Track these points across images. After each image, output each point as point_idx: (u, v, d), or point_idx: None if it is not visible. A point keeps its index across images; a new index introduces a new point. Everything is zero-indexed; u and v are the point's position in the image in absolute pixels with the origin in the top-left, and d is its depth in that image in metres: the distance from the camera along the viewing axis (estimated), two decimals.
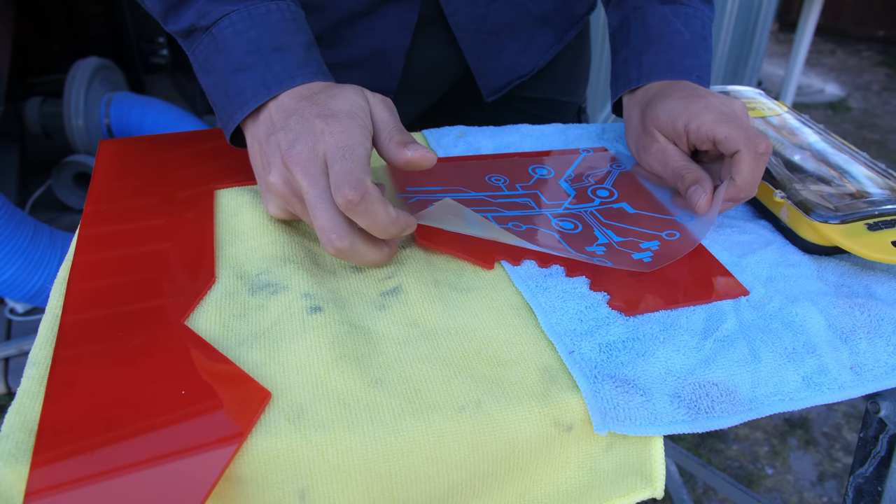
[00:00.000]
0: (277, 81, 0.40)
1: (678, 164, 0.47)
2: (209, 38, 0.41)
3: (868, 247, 0.41)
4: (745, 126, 0.44)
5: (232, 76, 0.40)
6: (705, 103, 0.46)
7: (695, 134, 0.46)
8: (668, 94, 0.48)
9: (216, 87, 0.42)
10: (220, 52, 0.41)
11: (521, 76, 0.65)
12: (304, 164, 0.36)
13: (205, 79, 0.42)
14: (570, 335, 0.35)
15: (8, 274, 1.26)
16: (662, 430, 0.31)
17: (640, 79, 0.52)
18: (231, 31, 0.40)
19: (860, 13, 3.55)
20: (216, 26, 0.41)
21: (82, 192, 1.71)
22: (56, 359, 0.31)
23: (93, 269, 0.37)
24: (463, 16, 0.57)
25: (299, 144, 0.36)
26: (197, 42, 0.42)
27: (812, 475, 1.25)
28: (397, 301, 0.37)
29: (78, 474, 0.26)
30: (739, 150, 0.43)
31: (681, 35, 0.51)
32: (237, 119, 0.41)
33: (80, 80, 1.66)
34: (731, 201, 0.46)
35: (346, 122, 0.37)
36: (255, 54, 0.40)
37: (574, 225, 0.44)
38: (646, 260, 0.41)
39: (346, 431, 0.29)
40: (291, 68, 0.40)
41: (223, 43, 0.41)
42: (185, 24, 0.42)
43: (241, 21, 0.40)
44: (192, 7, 0.41)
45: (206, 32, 0.41)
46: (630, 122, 0.52)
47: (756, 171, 0.43)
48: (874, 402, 0.39)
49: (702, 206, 0.45)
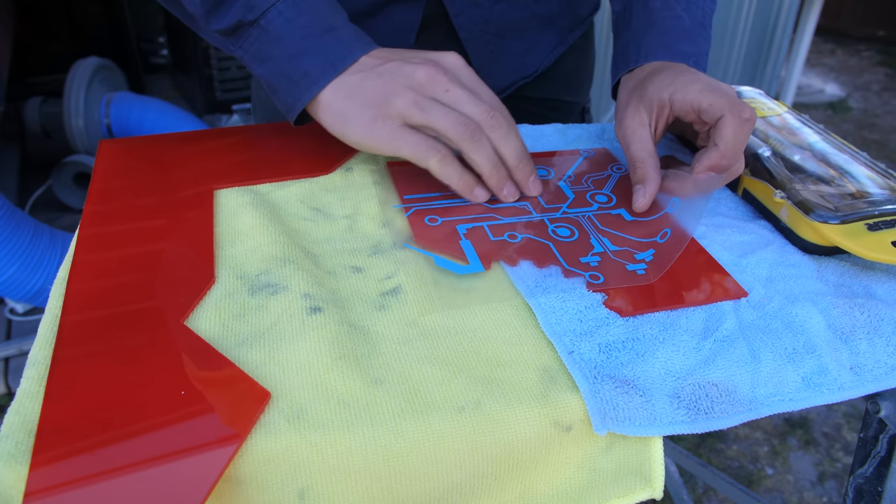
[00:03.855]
0: (341, 57, 0.44)
1: (638, 153, 0.47)
2: (258, 31, 0.44)
3: (868, 247, 0.40)
4: (731, 96, 0.44)
5: (294, 61, 0.43)
6: (694, 78, 0.47)
7: (679, 104, 0.46)
8: (660, 71, 0.49)
9: (277, 75, 0.44)
10: (274, 41, 0.43)
11: (526, 77, 0.65)
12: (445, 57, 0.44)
13: (260, 68, 0.45)
14: (570, 335, 0.35)
15: (8, 274, 1.26)
16: (662, 430, 0.31)
17: (637, 59, 0.52)
18: (281, 20, 0.43)
19: (860, 13, 3.55)
20: (264, 18, 0.43)
21: (82, 192, 1.71)
22: (56, 359, 0.31)
23: (93, 269, 0.37)
24: (467, 17, 0.58)
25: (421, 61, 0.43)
26: (245, 36, 0.44)
27: (812, 475, 1.25)
28: (397, 301, 0.37)
29: (77, 474, 0.26)
30: (724, 115, 0.43)
31: (681, 20, 0.52)
32: (307, 99, 0.44)
33: (80, 80, 1.66)
34: (715, 170, 0.45)
35: None
36: (310, 38, 0.43)
37: (571, 232, 0.44)
38: (639, 272, 0.41)
39: (346, 432, 0.29)
40: (349, 43, 0.44)
41: (276, 32, 0.43)
42: (231, 21, 0.44)
43: (288, 10, 0.43)
44: (236, 3, 0.43)
45: (254, 26, 0.44)
46: (620, 98, 0.52)
47: (739, 137, 0.44)
48: (874, 402, 0.39)
49: (638, 206, 0.46)
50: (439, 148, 0.43)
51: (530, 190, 0.47)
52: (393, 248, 0.42)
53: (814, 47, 3.43)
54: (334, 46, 0.44)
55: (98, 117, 1.68)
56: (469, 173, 0.45)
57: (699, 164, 0.45)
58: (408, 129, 0.43)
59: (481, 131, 0.44)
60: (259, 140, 0.53)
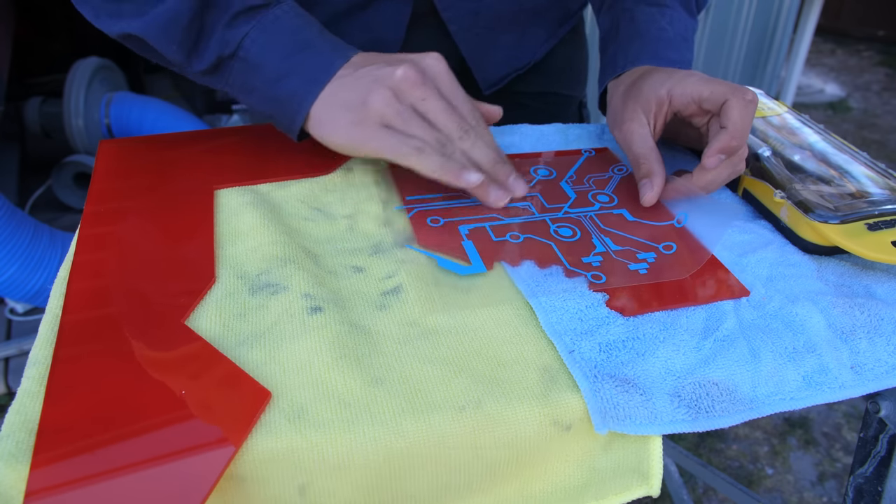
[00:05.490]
0: (322, 70, 0.43)
1: (640, 149, 0.47)
2: (239, 63, 0.44)
3: (868, 247, 0.40)
4: (729, 83, 0.45)
5: (277, 85, 0.43)
6: (688, 73, 0.47)
7: (679, 97, 0.46)
8: (651, 72, 0.49)
9: (267, 102, 0.45)
10: (256, 69, 0.43)
11: (518, 69, 0.66)
12: None
13: (248, 98, 0.45)
14: (570, 334, 0.35)
15: (8, 274, 1.25)
16: (662, 429, 0.31)
17: (625, 65, 0.53)
18: (256, 47, 0.43)
19: (860, 13, 3.55)
20: (241, 49, 0.43)
21: (82, 192, 1.71)
22: (56, 358, 0.31)
23: (93, 269, 0.37)
24: (456, 11, 0.58)
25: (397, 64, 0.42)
26: (228, 70, 0.44)
27: (812, 475, 1.25)
28: (398, 301, 0.37)
29: (78, 474, 0.26)
30: (728, 98, 0.44)
31: (666, 31, 0.53)
32: (300, 120, 0.44)
33: (80, 80, 1.66)
34: (726, 152, 0.45)
35: None
36: (289, 59, 0.43)
37: (573, 232, 0.44)
38: (641, 272, 0.41)
39: (347, 431, 0.29)
40: (327, 54, 0.44)
41: (255, 60, 0.43)
42: (211, 60, 0.44)
43: (261, 35, 0.43)
44: (211, 41, 0.43)
45: (234, 59, 0.44)
46: (612, 104, 0.53)
47: (746, 118, 0.44)
48: (874, 402, 0.39)
49: (646, 199, 0.46)
50: (417, 143, 0.43)
51: (513, 188, 0.46)
52: (393, 247, 0.42)
53: (814, 47, 3.42)
54: (314, 62, 0.43)
55: (98, 117, 1.68)
56: None
57: (710, 149, 0.45)
58: (386, 130, 0.43)
59: (453, 144, 0.43)
60: (259, 140, 0.53)
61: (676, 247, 0.44)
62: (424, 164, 0.43)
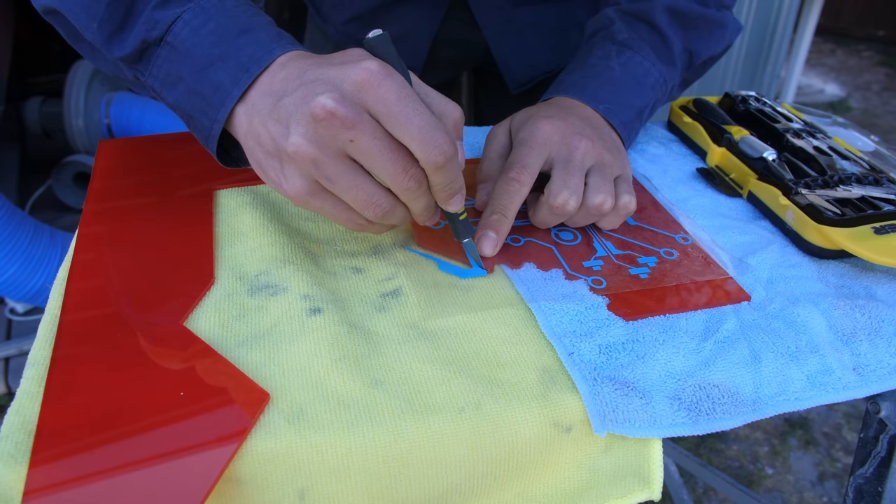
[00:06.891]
0: (256, 60, 0.36)
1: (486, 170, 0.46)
2: (166, 49, 0.37)
3: (875, 251, 0.40)
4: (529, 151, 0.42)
5: (203, 75, 0.36)
6: (552, 123, 0.44)
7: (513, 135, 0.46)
8: (552, 104, 0.48)
9: (189, 96, 0.37)
10: (183, 57, 0.37)
11: (547, 72, 0.67)
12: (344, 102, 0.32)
13: (172, 94, 0.38)
14: (570, 336, 0.35)
15: (8, 274, 1.25)
16: (662, 432, 0.31)
17: (556, 91, 0.51)
18: (188, 30, 0.36)
19: (860, 13, 3.55)
20: (170, 33, 0.37)
21: (82, 192, 1.71)
22: (55, 359, 0.31)
23: (93, 269, 0.37)
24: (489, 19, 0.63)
25: (323, 92, 0.32)
26: (153, 59, 0.38)
27: (812, 475, 1.25)
28: (397, 303, 0.37)
29: (76, 473, 0.26)
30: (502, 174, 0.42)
31: (611, 70, 0.50)
32: (223, 116, 0.36)
33: (80, 80, 1.66)
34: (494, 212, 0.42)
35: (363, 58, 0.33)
36: (221, 44, 0.36)
37: (574, 235, 0.44)
38: (642, 276, 0.41)
39: (346, 433, 0.29)
40: (265, 43, 0.36)
41: (183, 46, 0.36)
42: (134, 44, 0.37)
43: (196, 18, 0.36)
44: (137, 22, 0.37)
45: (160, 45, 0.37)
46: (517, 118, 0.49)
47: (500, 195, 0.41)
48: (874, 402, 0.39)
49: (486, 253, 0.41)
50: (352, 218, 0.36)
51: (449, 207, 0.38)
52: (393, 249, 0.42)
53: (814, 47, 3.42)
54: (248, 48, 0.36)
55: (98, 117, 1.68)
56: None
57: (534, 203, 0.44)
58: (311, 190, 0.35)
59: (393, 206, 0.36)
60: None
61: (677, 252, 0.43)
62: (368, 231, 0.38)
